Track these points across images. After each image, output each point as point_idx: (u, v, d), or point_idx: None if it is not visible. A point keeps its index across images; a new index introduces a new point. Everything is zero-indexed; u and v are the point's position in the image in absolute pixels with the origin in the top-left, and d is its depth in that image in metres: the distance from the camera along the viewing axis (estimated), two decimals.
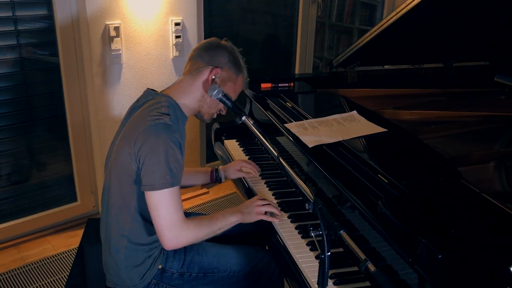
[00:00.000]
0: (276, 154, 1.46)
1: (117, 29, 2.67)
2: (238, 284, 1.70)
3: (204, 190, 3.42)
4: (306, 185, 1.39)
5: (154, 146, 1.42)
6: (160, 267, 1.58)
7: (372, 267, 1.04)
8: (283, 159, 1.54)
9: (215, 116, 1.69)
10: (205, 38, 3.24)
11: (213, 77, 1.57)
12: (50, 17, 2.61)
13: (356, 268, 1.44)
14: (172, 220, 1.44)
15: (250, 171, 1.95)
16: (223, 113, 1.69)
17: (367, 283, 1.38)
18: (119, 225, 1.54)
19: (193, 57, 1.62)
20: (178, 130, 1.50)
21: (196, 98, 1.60)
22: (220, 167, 1.97)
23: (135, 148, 1.44)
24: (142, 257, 1.55)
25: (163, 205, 1.43)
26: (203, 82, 1.58)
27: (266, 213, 1.64)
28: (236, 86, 1.65)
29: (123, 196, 1.52)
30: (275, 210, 1.65)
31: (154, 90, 1.63)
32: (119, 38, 2.69)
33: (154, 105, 1.51)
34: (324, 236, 1.14)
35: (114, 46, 2.69)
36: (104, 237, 1.62)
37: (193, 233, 1.49)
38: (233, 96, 1.64)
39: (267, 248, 1.83)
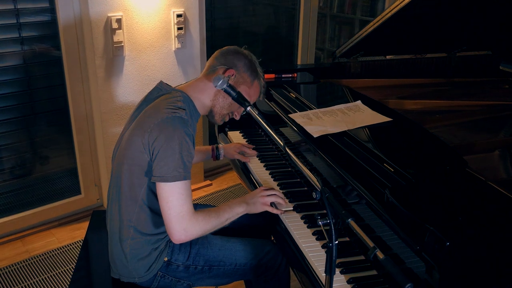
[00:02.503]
0: (282, 144, 1.46)
1: (119, 21, 2.66)
2: (244, 276, 1.71)
3: (208, 182, 3.42)
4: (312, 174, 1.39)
5: (169, 138, 1.43)
6: (166, 259, 1.59)
7: (381, 255, 1.04)
8: (288, 149, 1.54)
9: (227, 119, 1.71)
10: (206, 31, 3.24)
11: (227, 77, 1.59)
12: (52, 9, 2.60)
13: (362, 257, 1.45)
14: (181, 213, 1.45)
15: (249, 155, 2.06)
16: (237, 118, 1.72)
17: (374, 272, 1.39)
18: (126, 215, 1.54)
19: (212, 58, 1.67)
20: (192, 125, 1.53)
21: (209, 96, 1.63)
22: (220, 145, 2.08)
23: (149, 138, 1.45)
24: (148, 249, 1.56)
25: (174, 197, 1.44)
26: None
27: (272, 204, 1.65)
28: (251, 91, 1.67)
29: (132, 186, 1.52)
30: (281, 200, 1.66)
31: (168, 84, 1.64)
32: (121, 30, 2.69)
33: (169, 99, 1.53)
34: (332, 225, 1.14)
35: (116, 38, 2.68)
36: (110, 227, 1.62)
37: (202, 225, 1.50)
38: (250, 99, 1.66)
39: (273, 239, 1.83)
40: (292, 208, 1.69)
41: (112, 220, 1.61)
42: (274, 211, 1.64)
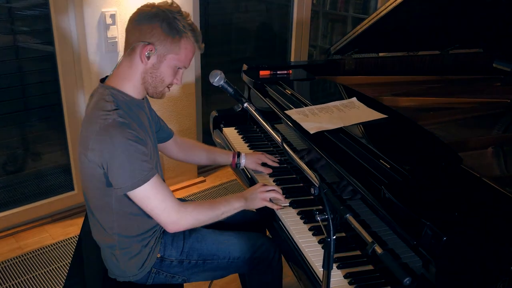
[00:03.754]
0: (279, 140, 1.46)
1: (113, 16, 2.65)
2: (238, 270, 1.72)
3: (201, 178, 3.42)
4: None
5: (111, 150, 1.35)
6: (158, 255, 1.59)
7: (379, 249, 1.05)
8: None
9: (167, 91, 1.53)
10: (200, 27, 3.23)
11: (147, 53, 1.41)
12: (45, 4, 2.58)
13: (358, 252, 1.46)
14: (166, 208, 1.44)
15: (269, 170, 1.89)
16: (179, 83, 1.52)
17: (370, 267, 1.40)
18: (106, 224, 1.52)
19: (126, 31, 1.45)
20: (133, 121, 1.41)
21: (138, 80, 1.46)
22: (243, 154, 1.91)
23: (93, 156, 1.38)
24: (138, 247, 1.55)
25: (150, 199, 1.42)
26: (139, 60, 1.43)
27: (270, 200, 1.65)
28: (181, 56, 1.45)
29: (100, 198, 1.49)
30: (280, 196, 1.66)
31: (102, 80, 1.52)
32: (115, 26, 2.67)
33: (99, 102, 1.41)
34: (330, 220, 1.15)
35: (110, 34, 2.67)
36: (95, 235, 1.61)
37: (193, 215, 1.49)
38: (183, 66, 1.48)
39: (268, 233, 1.84)
40: (288, 204, 1.70)
41: (95, 230, 1.59)
42: (274, 206, 1.64)
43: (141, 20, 1.41)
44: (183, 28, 1.42)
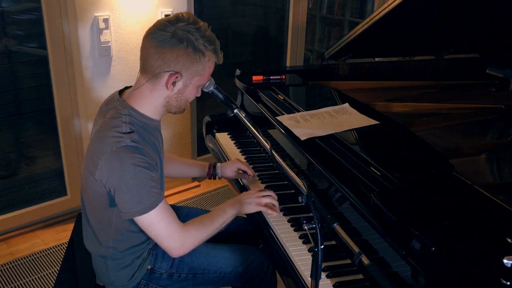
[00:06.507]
0: (268, 147, 1.45)
1: (106, 21, 2.63)
2: (230, 283, 1.69)
3: (196, 183, 3.40)
4: (298, 178, 1.38)
5: (120, 175, 1.33)
6: (149, 267, 1.57)
7: (366, 260, 1.03)
8: (276, 152, 1.53)
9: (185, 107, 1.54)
10: None
11: (174, 81, 1.39)
12: (37, 8, 2.56)
13: (348, 261, 1.44)
14: (171, 233, 1.42)
15: (246, 173, 1.86)
16: (198, 95, 1.53)
17: (360, 276, 1.38)
18: (102, 237, 1.51)
19: (146, 54, 1.38)
20: (147, 144, 1.40)
21: (160, 103, 1.44)
22: (218, 164, 1.89)
23: (100, 177, 1.36)
24: (130, 258, 1.53)
25: (155, 224, 1.40)
26: (164, 87, 1.40)
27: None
28: (205, 75, 1.44)
29: (100, 216, 1.47)
30: (275, 203, 1.63)
31: (120, 93, 1.49)
32: (108, 30, 2.66)
33: (115, 121, 1.38)
34: (318, 229, 1.14)
35: (103, 38, 2.65)
36: (88, 246, 1.59)
37: (196, 236, 1.48)
38: (206, 82, 1.50)
39: (260, 243, 1.81)
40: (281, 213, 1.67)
41: (88, 240, 1.57)
42: (269, 211, 1.61)
43: (163, 44, 1.34)
44: (204, 49, 1.37)
